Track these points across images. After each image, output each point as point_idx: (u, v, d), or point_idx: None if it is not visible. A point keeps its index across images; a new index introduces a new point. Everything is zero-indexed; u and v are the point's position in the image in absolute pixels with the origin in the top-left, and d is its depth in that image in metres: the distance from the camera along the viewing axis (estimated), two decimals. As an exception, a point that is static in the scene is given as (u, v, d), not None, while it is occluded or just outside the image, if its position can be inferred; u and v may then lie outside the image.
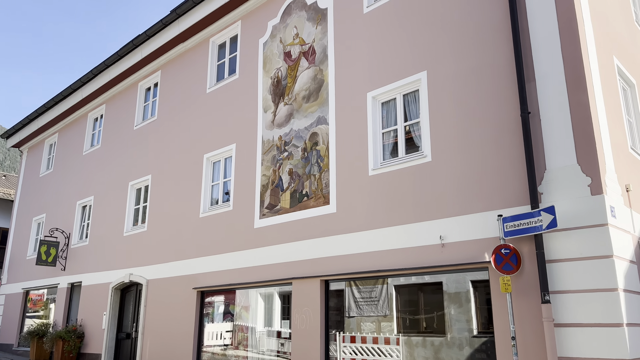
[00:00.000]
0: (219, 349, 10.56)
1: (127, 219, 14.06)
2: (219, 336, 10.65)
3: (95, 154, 16.30)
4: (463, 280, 7.23)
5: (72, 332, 14.11)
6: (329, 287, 8.86)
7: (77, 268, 15.48)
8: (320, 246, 8.93)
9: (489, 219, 6.84)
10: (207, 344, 10.82)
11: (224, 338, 10.52)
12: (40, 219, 18.32)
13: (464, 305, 7.16)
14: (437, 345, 7.33)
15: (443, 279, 7.45)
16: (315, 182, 9.33)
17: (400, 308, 7.94)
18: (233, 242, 10.63)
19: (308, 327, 8.78)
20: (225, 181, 11.53)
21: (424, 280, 7.73)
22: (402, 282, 7.97)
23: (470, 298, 7.12)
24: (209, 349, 10.75)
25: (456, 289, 7.30)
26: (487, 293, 6.83)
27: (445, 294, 7.38)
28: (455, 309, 7.23)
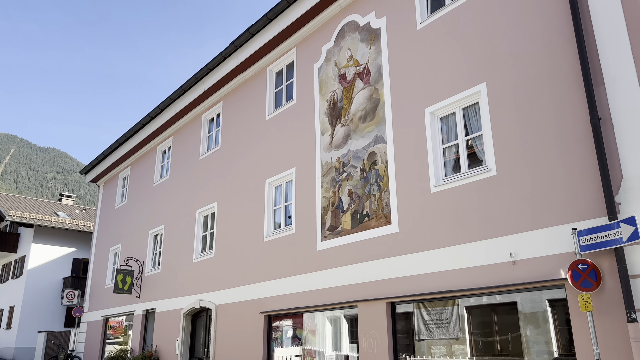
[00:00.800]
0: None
1: (196, 245, 14.51)
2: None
3: (165, 184, 17.05)
4: (539, 300, 6.80)
5: (148, 357, 14.61)
6: (395, 309, 8.64)
7: (151, 295, 16.10)
8: (384, 267, 8.76)
9: (563, 233, 6.44)
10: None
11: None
12: (116, 248, 19.32)
13: (541, 326, 6.73)
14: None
15: (517, 299, 7.05)
16: (376, 202, 9.22)
17: (472, 330, 7.58)
18: (297, 265, 10.66)
19: (376, 351, 8.57)
20: (287, 205, 11.66)
21: (496, 300, 7.35)
22: (473, 303, 7.62)
23: (548, 318, 6.68)
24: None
25: (532, 309, 6.88)
26: (566, 312, 6.38)
27: (521, 314, 6.97)
28: (532, 330, 6.81)
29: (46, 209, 30.39)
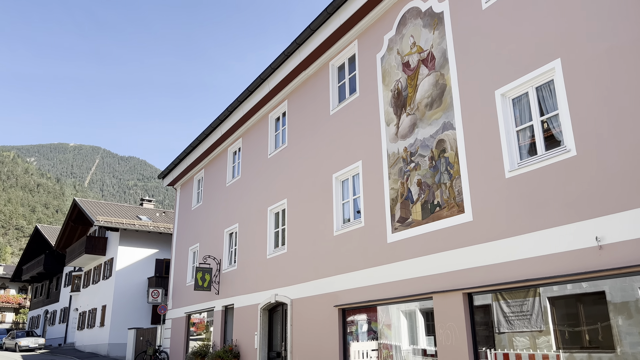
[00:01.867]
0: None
1: (269, 242, 14.83)
2: (365, 355, 10.59)
3: (237, 184, 17.57)
4: (630, 288, 6.31)
5: (229, 352, 15.13)
6: (472, 300, 8.36)
7: (229, 291, 16.66)
8: (459, 257, 8.50)
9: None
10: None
11: (370, 357, 10.43)
12: (194, 248, 20.17)
13: (634, 316, 6.23)
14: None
15: (605, 287, 6.58)
16: (447, 191, 8.96)
17: (557, 321, 7.17)
18: (368, 258, 10.61)
19: (454, 343, 8.34)
20: (355, 198, 11.62)
21: (581, 289, 6.90)
22: (557, 294, 7.21)
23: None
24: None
25: (622, 298, 6.39)
26: (663, 299, 5.87)
27: (610, 304, 6.50)
28: (624, 320, 6.32)
29: (129, 214, 32.31)
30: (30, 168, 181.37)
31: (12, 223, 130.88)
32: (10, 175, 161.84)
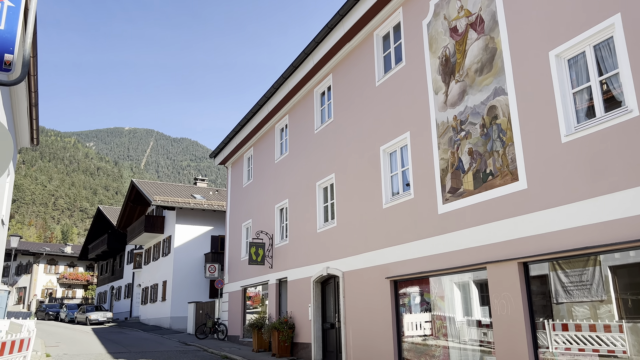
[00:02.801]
0: (419, 339, 10.53)
1: (319, 216, 14.99)
2: (418, 326, 10.62)
3: (285, 160, 17.77)
4: None
5: (284, 323, 15.56)
6: (528, 269, 8.17)
7: (282, 265, 17.04)
8: (513, 226, 8.30)
9: None
10: (406, 333, 10.88)
11: (423, 328, 10.45)
12: (247, 224, 20.69)
13: None
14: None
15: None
16: (500, 159, 8.71)
17: (619, 291, 6.91)
18: (419, 230, 10.53)
19: (510, 313, 8.22)
20: (404, 170, 11.51)
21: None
22: (619, 262, 6.92)
23: None
24: (409, 338, 10.80)
25: None
26: None
27: (678, 269, 6.19)
28: None
29: (184, 193, 33.42)
30: (90, 152, 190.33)
31: (77, 205, 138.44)
32: (72, 160, 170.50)
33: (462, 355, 9.43)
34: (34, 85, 10.94)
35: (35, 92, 11.27)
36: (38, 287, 59.02)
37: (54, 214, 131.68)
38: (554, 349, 7.54)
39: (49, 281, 60.22)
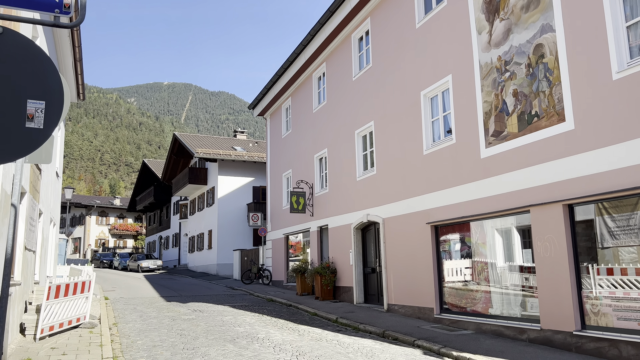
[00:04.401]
0: (460, 284, 10.67)
1: (358, 165, 15.05)
2: (459, 272, 10.74)
3: (323, 109, 17.73)
4: None
5: (327, 268, 16.01)
6: (573, 212, 8.06)
7: (322, 213, 17.36)
8: (558, 169, 8.13)
9: None
10: (447, 279, 11.03)
11: (464, 274, 10.56)
12: (287, 174, 21.00)
13: None
14: None
15: None
16: (546, 99, 8.44)
17: (669, 233, 6.75)
18: (461, 175, 10.46)
19: (553, 255, 8.20)
20: (445, 115, 11.32)
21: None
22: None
23: None
24: (449, 284, 10.96)
25: None
26: None
27: None
28: None
29: (225, 145, 34.01)
30: (131, 108, 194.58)
31: (122, 160, 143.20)
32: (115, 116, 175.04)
33: (503, 299, 9.54)
34: (77, 39, 11.20)
35: (79, 47, 11.55)
36: (91, 237, 62.36)
37: (101, 169, 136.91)
38: (598, 293, 7.52)
39: (101, 232, 63.46)
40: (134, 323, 10.94)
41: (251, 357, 7.63)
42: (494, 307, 9.68)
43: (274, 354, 7.89)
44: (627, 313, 7.12)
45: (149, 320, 11.42)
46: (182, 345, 8.45)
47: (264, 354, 7.87)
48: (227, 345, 8.53)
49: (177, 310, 13.12)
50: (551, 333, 8.14)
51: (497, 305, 9.63)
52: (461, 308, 10.52)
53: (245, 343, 8.73)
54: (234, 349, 8.23)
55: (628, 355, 6.90)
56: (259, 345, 8.58)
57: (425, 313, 11.37)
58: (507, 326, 9.09)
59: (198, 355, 7.75)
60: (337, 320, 11.87)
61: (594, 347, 7.40)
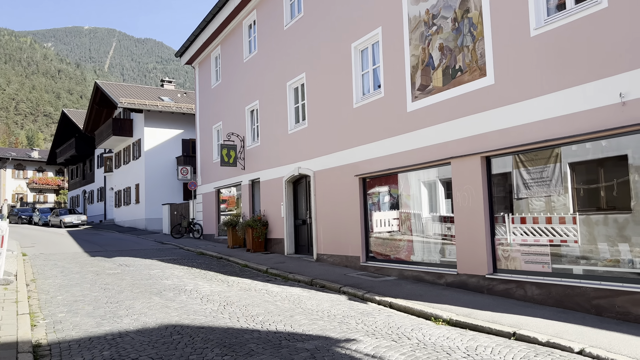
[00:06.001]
0: (386, 234, 11.07)
1: (290, 117, 14.94)
2: (386, 222, 11.11)
3: (255, 60, 17.26)
4: None
5: (258, 221, 16.06)
6: (490, 163, 8.50)
7: (254, 166, 17.22)
8: (478, 122, 8.48)
9: (686, 65, 5.69)
10: (375, 229, 11.41)
11: (391, 224, 10.95)
12: (218, 126, 20.50)
13: None
14: (621, 222, 6.67)
15: (628, 151, 6.55)
16: (470, 54, 8.67)
17: (576, 186, 7.29)
18: (388, 128, 10.67)
19: (470, 205, 8.66)
20: (375, 68, 11.38)
21: (603, 153, 6.87)
22: (578, 159, 7.20)
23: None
24: (376, 233, 11.35)
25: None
26: (683, 154, 5.85)
27: (632, 167, 6.50)
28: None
29: (151, 95, 32.50)
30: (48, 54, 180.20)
31: (40, 110, 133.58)
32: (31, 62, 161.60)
33: (424, 247, 10.04)
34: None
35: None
36: (7, 192, 58.54)
37: (17, 119, 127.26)
38: (512, 240, 8.06)
39: (18, 186, 59.70)
40: (54, 279, 10.53)
41: (177, 308, 7.61)
42: (416, 255, 10.18)
43: (201, 304, 7.91)
44: (534, 257, 7.73)
45: (70, 275, 11.03)
46: (105, 300, 8.26)
47: (191, 304, 7.88)
48: (153, 297, 8.44)
49: (102, 265, 12.75)
50: (466, 277, 8.71)
51: (419, 252, 10.13)
52: (386, 256, 10.98)
53: (172, 295, 8.68)
54: (160, 301, 8.16)
55: (532, 294, 7.54)
56: (186, 297, 8.56)
57: (353, 262, 11.78)
58: (427, 272, 9.62)
59: (122, 308, 7.62)
60: (268, 270, 12.04)
61: (504, 289, 8.02)
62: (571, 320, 6.34)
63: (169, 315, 7.10)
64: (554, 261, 7.44)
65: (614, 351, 5.11)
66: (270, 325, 6.56)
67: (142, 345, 5.63)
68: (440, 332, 6.21)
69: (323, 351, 5.37)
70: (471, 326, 6.49)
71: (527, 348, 5.47)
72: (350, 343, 5.66)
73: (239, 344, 5.66)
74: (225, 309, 7.54)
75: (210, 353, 5.32)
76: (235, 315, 7.15)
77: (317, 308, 7.71)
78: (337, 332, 6.17)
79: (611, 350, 5.12)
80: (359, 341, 5.75)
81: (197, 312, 7.35)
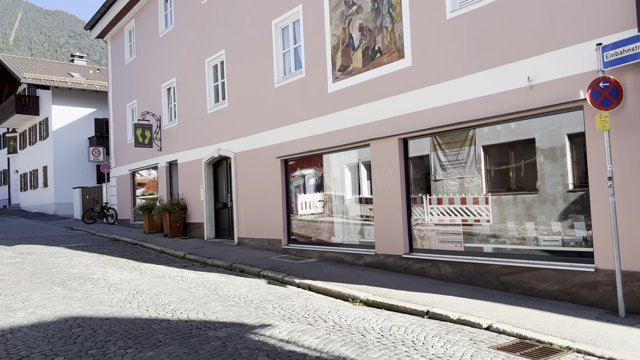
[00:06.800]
0: (307, 216, 10.96)
1: (209, 96, 14.35)
2: (309, 205, 10.99)
3: (171, 35, 16.38)
4: (558, 134, 6.57)
5: (176, 205, 15.41)
6: (407, 145, 8.58)
7: (171, 147, 16.46)
8: (397, 104, 8.52)
9: (586, 50, 5.96)
10: (295, 212, 11.26)
11: (316, 206, 10.84)
12: (132, 104, 19.36)
13: (559, 161, 6.58)
14: (528, 202, 6.97)
15: (535, 135, 6.82)
16: (388, 35, 8.65)
17: (489, 167, 7.52)
18: (309, 109, 10.50)
19: (388, 186, 8.73)
20: (296, 47, 11.12)
21: (514, 136, 7.12)
22: (491, 142, 7.43)
23: (566, 152, 6.49)
24: (297, 216, 11.21)
25: (551, 144, 6.66)
26: (584, 144, 6.14)
27: (539, 150, 6.79)
28: (549, 164, 6.67)
29: (60, 71, 30.14)
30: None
31: None
32: None
33: (345, 228, 10.05)
34: None
35: None
36: None
37: None
38: (429, 220, 8.20)
39: None
40: (-60, 271, 9.45)
41: (81, 298, 7.06)
42: (337, 236, 10.17)
43: (108, 294, 7.39)
44: (448, 236, 7.93)
45: (-40, 267, 9.96)
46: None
47: (97, 294, 7.34)
48: (55, 288, 7.78)
49: (0, 254, 11.66)
50: (384, 257, 8.81)
51: (340, 234, 10.13)
52: (308, 238, 10.89)
53: (76, 285, 8.05)
54: (63, 291, 7.54)
55: (446, 272, 7.75)
56: (93, 286, 7.98)
57: (274, 245, 11.59)
58: (347, 253, 9.64)
59: (17, 300, 6.95)
60: (185, 256, 11.58)
61: (419, 268, 8.18)
62: (481, 297, 6.56)
63: (70, 307, 6.55)
64: (467, 240, 7.68)
65: (519, 325, 5.32)
66: (182, 313, 6.23)
67: (36, 341, 5.12)
68: (356, 313, 6.20)
69: (236, 339, 5.15)
70: (387, 306, 6.54)
71: (439, 326, 5.57)
72: (265, 329, 5.49)
73: (146, 335, 5.31)
74: (134, 298, 7.10)
75: (113, 346, 4.93)
76: (144, 304, 6.73)
77: (234, 293, 7.46)
78: (253, 318, 5.97)
79: (516, 325, 5.33)
80: (274, 326, 5.59)
81: (102, 302, 6.85)
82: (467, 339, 5.07)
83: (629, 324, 5.23)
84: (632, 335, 4.88)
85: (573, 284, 6.16)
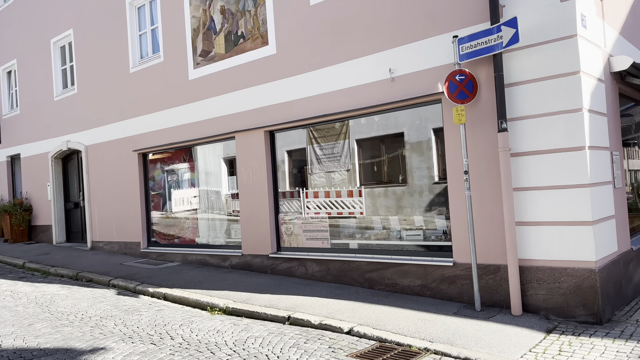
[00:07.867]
0: (169, 215, 10.02)
1: (56, 81, 12.63)
2: (169, 202, 10.02)
3: (10, 10, 14.18)
4: (424, 128, 6.50)
5: (18, 205, 13.43)
6: (274, 138, 8.09)
7: (13, 140, 14.33)
8: (262, 94, 7.97)
9: (444, 43, 5.90)
10: (155, 210, 10.25)
11: (174, 204, 9.91)
12: (-36, 90, 16.56)
13: (425, 154, 6.54)
14: (398, 194, 6.86)
15: (404, 129, 6.71)
16: (251, 20, 8.06)
17: (362, 162, 7.30)
18: (169, 98, 9.56)
19: (255, 181, 8.17)
20: (153, 29, 10.07)
21: (384, 131, 6.95)
22: (364, 136, 7.23)
23: (432, 146, 6.45)
24: (158, 215, 10.22)
25: (418, 138, 6.60)
26: (444, 135, 6.12)
27: (407, 144, 6.70)
28: (417, 157, 6.62)
29: None
30: None
31: None
32: None
33: (210, 228, 9.32)
34: None
35: None
36: None
37: None
38: (306, 214, 7.75)
39: None
40: None
41: None
42: (201, 237, 9.41)
43: None
44: (315, 233, 7.59)
45: None
46: None
47: None
48: None
49: None
50: (251, 257, 8.26)
51: (205, 234, 9.38)
52: (169, 240, 9.97)
53: None
54: None
55: (313, 271, 7.40)
56: None
57: (133, 248, 10.47)
58: (212, 254, 8.93)
59: None
60: (25, 265, 10.03)
61: (286, 267, 7.75)
62: (346, 297, 6.29)
63: None
64: (334, 237, 7.41)
65: (380, 327, 5.08)
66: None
67: None
68: (212, 325, 5.56)
69: (55, 371, 4.25)
70: (247, 313, 6.00)
71: (299, 334, 5.15)
72: (95, 354, 4.63)
73: None
74: None
75: None
76: (-54, 332, 5.45)
77: (72, 310, 6.40)
78: (85, 341, 5.05)
79: (377, 327, 5.08)
80: (109, 349, 4.75)
81: None
82: (326, 347, 4.70)
83: (484, 317, 5.25)
84: (486, 330, 4.86)
85: (434, 278, 6.12)
